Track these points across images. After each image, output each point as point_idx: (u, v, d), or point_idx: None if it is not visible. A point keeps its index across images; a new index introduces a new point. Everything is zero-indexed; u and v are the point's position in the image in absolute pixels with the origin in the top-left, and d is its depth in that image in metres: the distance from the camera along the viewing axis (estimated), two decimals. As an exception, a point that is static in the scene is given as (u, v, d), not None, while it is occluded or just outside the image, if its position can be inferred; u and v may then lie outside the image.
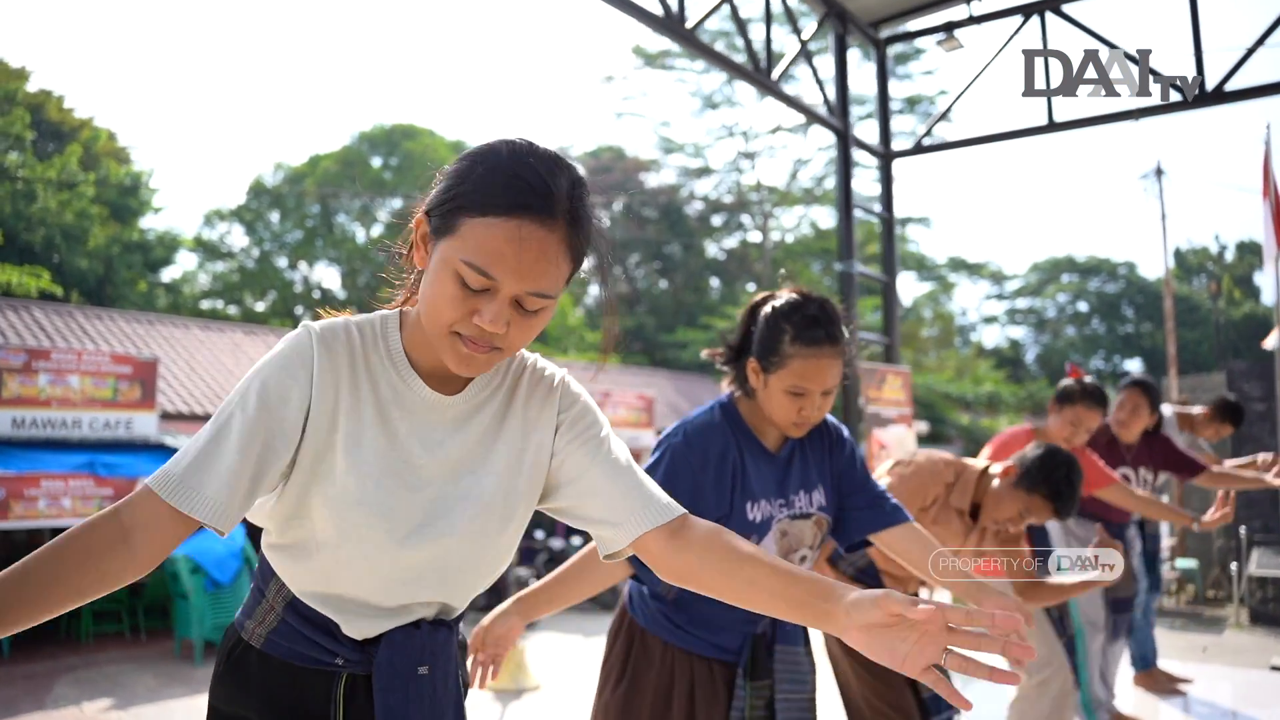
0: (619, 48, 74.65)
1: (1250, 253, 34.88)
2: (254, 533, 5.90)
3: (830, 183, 31.68)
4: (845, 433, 2.17)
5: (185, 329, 15.63)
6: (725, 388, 2.10)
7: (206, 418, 1.07)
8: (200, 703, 3.42)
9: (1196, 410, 4.83)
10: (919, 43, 30.31)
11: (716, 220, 36.54)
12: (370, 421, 1.20)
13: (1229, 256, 34.75)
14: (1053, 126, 5.77)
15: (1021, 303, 41.55)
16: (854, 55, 19.26)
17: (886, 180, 6.84)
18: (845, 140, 6.29)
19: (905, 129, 28.23)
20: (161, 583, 9.92)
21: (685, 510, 1.28)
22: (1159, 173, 17.01)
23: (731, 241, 36.96)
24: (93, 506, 9.67)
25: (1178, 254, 36.53)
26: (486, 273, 1.08)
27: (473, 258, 1.08)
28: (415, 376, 1.24)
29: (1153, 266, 44.77)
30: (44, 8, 51.15)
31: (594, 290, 37.77)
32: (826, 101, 6.33)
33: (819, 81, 6.25)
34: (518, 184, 1.09)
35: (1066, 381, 3.43)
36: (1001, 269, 41.84)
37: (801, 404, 1.91)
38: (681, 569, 1.23)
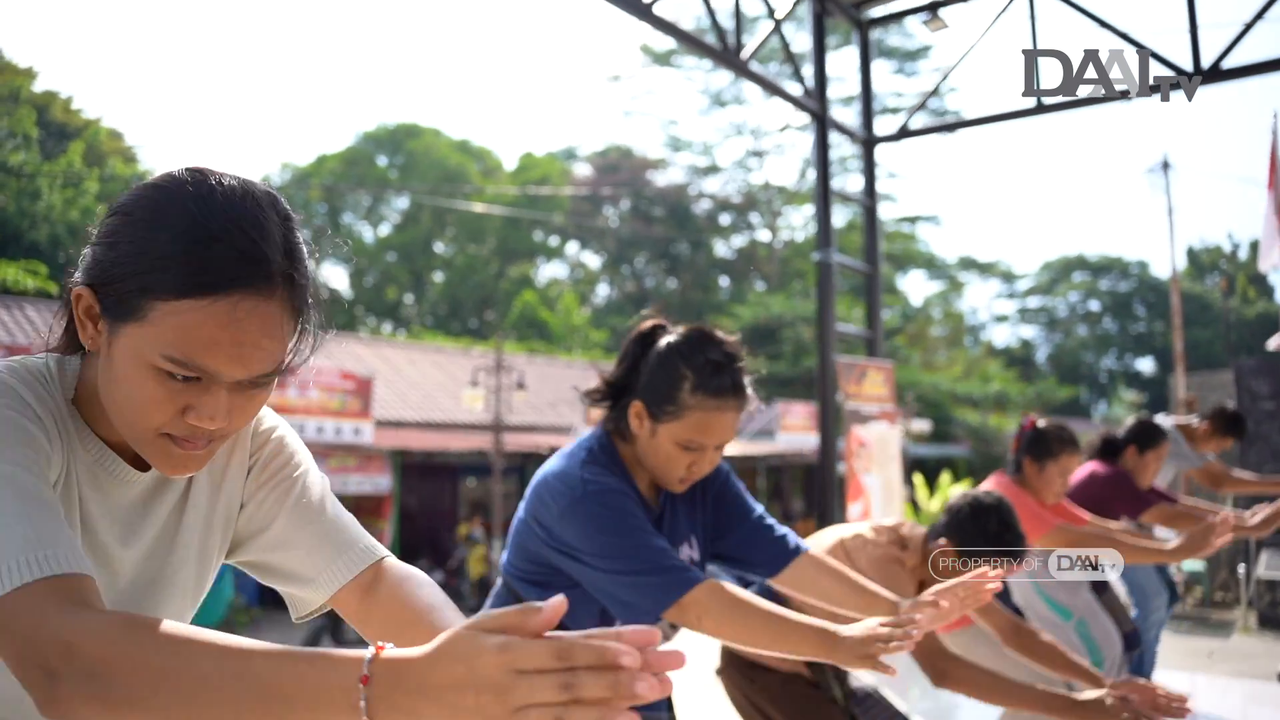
0: (626, 46, 74.65)
1: (1265, 250, 34.36)
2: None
3: (839, 181, 31.50)
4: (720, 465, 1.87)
5: (180, 326, 15.53)
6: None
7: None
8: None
9: (1195, 422, 4.60)
10: (926, 38, 30.16)
11: (725, 219, 36.41)
12: (72, 505, 0.94)
13: (1242, 254, 34.35)
14: (1041, 109, 5.58)
15: (1033, 301, 41.31)
16: (855, 51, 19.19)
17: (869, 166, 6.71)
18: (823, 124, 6.12)
19: (914, 125, 28.09)
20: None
21: (385, 553, 1.09)
22: (1165, 166, 16.71)
23: (740, 240, 36.85)
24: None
25: (1190, 252, 36.19)
26: (198, 366, 0.86)
27: (176, 352, 0.85)
28: (108, 449, 0.98)
29: (1165, 265, 44.40)
30: (50, 8, 51.49)
31: (601, 290, 37.71)
32: (803, 84, 6.12)
33: (793, 60, 6.04)
34: (222, 252, 0.84)
35: (1033, 434, 3.24)
36: (1012, 268, 41.65)
37: (693, 459, 1.65)
38: (375, 632, 1.04)
